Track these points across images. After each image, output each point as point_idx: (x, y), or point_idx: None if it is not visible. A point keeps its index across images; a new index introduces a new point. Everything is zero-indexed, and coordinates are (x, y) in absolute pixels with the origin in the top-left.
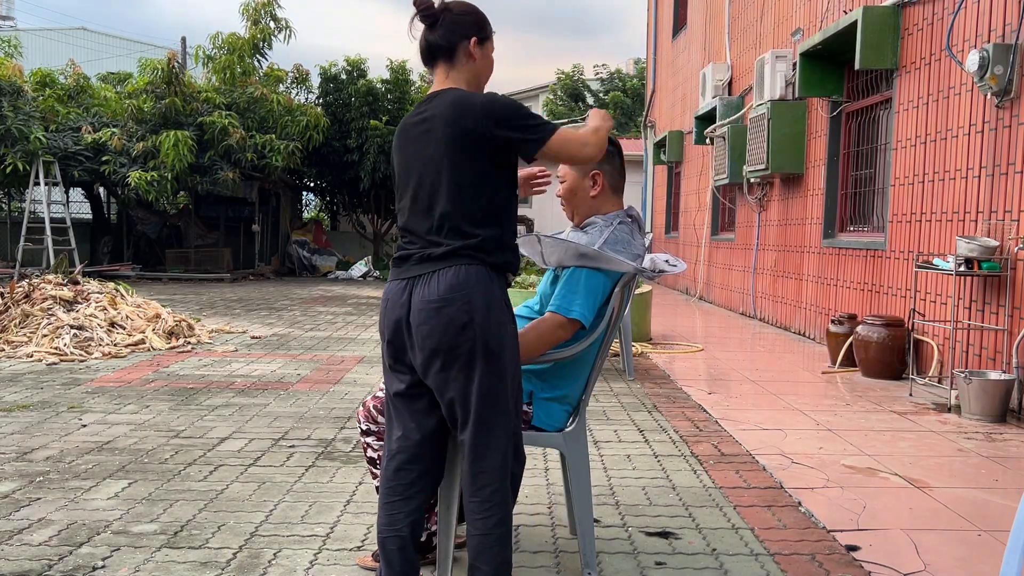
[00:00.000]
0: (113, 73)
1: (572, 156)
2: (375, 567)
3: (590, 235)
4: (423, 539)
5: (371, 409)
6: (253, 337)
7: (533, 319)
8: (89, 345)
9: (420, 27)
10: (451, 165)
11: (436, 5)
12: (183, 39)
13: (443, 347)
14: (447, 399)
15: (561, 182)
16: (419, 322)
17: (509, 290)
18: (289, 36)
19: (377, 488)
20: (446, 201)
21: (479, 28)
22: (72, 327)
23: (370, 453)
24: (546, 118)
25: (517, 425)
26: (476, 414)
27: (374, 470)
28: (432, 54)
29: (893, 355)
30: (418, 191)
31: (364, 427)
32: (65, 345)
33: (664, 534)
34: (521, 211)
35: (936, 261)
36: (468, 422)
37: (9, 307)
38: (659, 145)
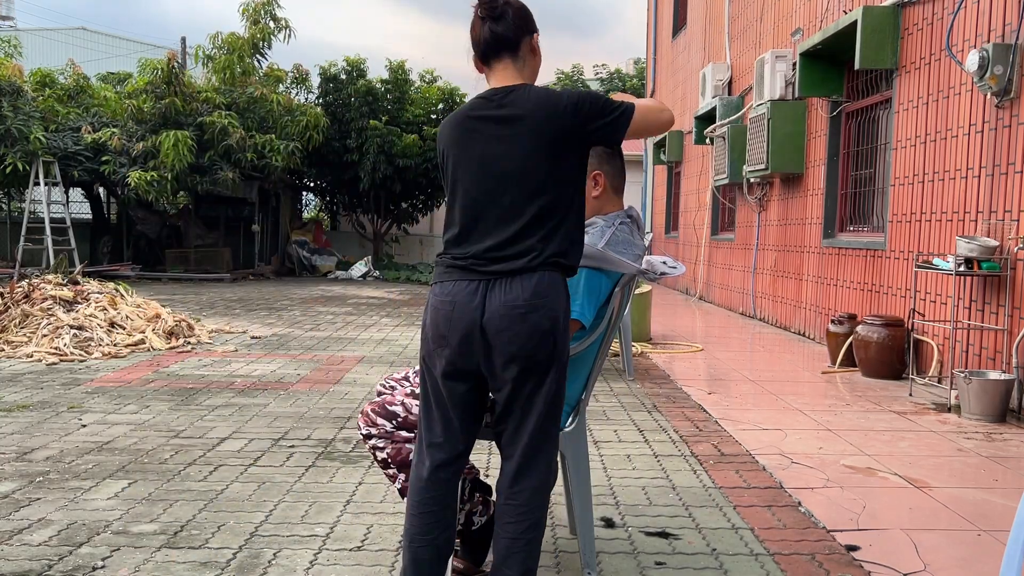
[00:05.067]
0: (113, 73)
1: (653, 126)
2: None
3: (592, 235)
4: (476, 527)
5: (370, 414)
6: (253, 337)
7: None
8: (89, 345)
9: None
10: (538, 167)
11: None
12: (183, 39)
13: (523, 353)
14: (510, 406)
15: None
16: (501, 327)
17: None
18: (289, 36)
19: (402, 491)
20: (531, 203)
21: (535, 24)
22: (72, 327)
23: (379, 455)
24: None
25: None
26: (537, 422)
27: (387, 471)
28: (498, 47)
29: (893, 355)
30: (497, 191)
31: (365, 432)
32: (65, 345)
33: (664, 534)
34: None
35: (936, 261)
36: (527, 429)
37: (9, 307)
38: (659, 145)
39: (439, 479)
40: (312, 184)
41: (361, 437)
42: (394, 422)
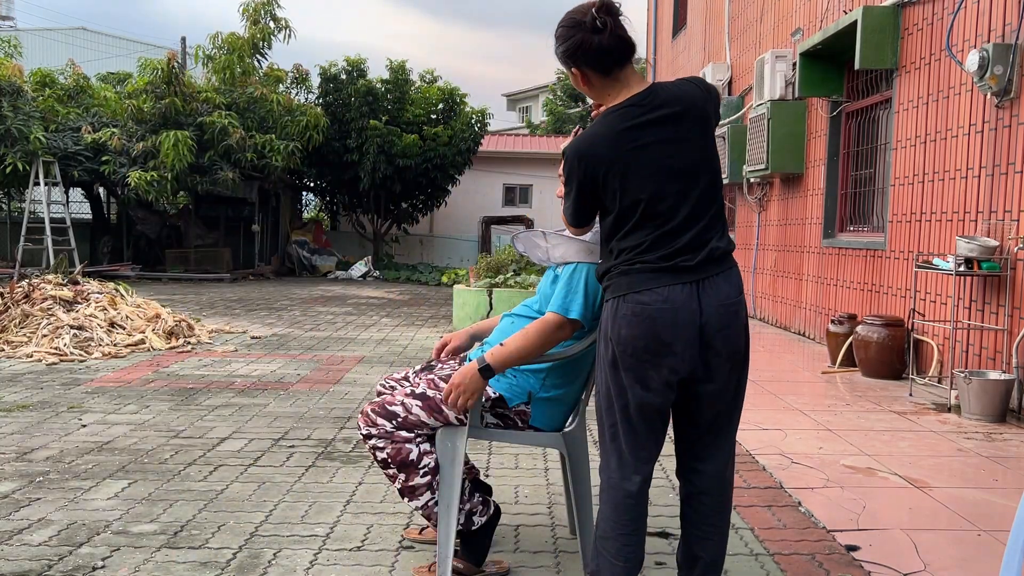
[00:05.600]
0: (113, 73)
1: None
2: (422, 539)
3: (594, 232)
4: (476, 527)
5: (370, 414)
6: (253, 337)
7: (533, 319)
8: (89, 345)
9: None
10: (713, 157)
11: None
12: (183, 39)
13: (737, 348)
14: (723, 403)
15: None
16: (720, 326)
17: (507, 290)
18: (289, 36)
19: (402, 491)
20: (713, 194)
21: None
22: (72, 327)
23: (379, 455)
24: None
25: None
26: (739, 413)
27: (387, 471)
28: (631, 52)
29: (893, 355)
30: (686, 188)
31: (365, 432)
32: (65, 345)
33: (664, 534)
34: (520, 211)
35: (936, 261)
36: (735, 422)
37: (9, 307)
38: None
39: (645, 492)
40: (312, 184)
41: (361, 437)
42: (394, 422)
